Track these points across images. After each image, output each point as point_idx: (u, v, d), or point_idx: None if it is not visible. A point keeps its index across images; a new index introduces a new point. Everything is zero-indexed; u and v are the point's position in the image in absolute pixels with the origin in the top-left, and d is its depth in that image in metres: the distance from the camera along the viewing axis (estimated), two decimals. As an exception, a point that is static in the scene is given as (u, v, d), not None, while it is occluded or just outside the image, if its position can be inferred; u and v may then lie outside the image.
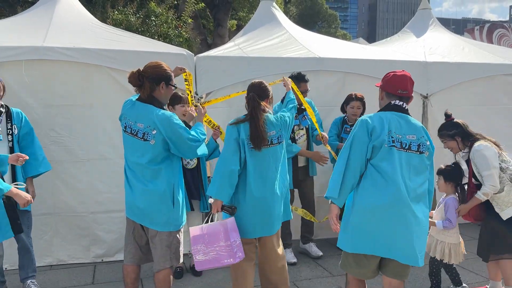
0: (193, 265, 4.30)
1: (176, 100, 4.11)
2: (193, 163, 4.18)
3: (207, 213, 3.89)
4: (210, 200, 3.23)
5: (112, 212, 4.58)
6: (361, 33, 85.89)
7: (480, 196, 3.47)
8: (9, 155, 3.35)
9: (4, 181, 3.10)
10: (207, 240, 3.14)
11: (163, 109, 3.05)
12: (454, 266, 3.82)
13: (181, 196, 3.10)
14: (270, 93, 3.45)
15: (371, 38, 57.70)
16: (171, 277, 3.11)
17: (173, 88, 3.12)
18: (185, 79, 4.04)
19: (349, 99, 4.77)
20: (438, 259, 3.76)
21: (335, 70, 5.12)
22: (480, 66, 5.83)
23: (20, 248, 3.77)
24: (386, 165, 2.70)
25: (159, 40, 8.22)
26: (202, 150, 3.22)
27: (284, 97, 4.14)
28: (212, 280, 4.22)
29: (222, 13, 14.75)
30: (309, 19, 37.53)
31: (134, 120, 2.99)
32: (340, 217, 2.90)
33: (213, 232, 3.16)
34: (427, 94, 5.55)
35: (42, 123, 4.33)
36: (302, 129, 4.62)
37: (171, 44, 7.58)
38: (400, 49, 6.28)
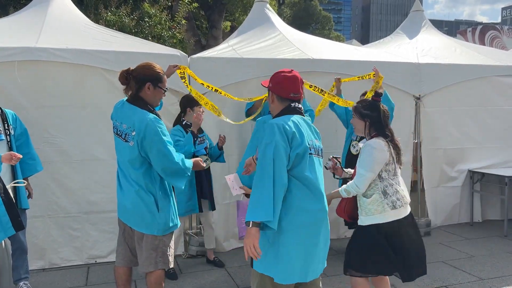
0: (214, 257, 4.65)
1: (194, 102, 4.26)
2: (207, 165, 4.27)
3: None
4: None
5: (105, 213, 4.57)
6: (355, 35, 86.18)
7: (342, 191, 3.14)
8: (2, 154, 3.34)
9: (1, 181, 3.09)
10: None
11: (151, 111, 2.90)
12: None
13: (168, 203, 2.99)
14: None
15: (364, 40, 57.87)
16: (163, 279, 3.09)
17: (162, 91, 3.00)
18: (180, 76, 4.05)
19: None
20: None
21: (328, 71, 5.14)
22: (472, 68, 5.89)
23: (15, 249, 3.75)
24: (310, 175, 2.46)
25: (153, 41, 8.20)
26: (177, 177, 2.95)
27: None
28: (205, 281, 4.22)
29: (216, 14, 14.77)
30: (303, 20, 37.56)
31: (120, 121, 2.94)
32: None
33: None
34: (419, 95, 5.59)
35: (35, 123, 4.31)
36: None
37: (165, 45, 7.57)
38: (393, 50, 6.32)
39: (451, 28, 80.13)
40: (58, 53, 4.38)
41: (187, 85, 4.17)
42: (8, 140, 3.63)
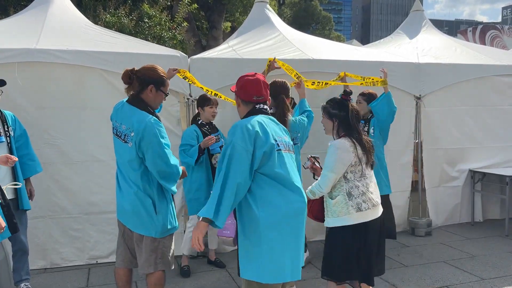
0: (215, 258, 4.61)
1: (205, 102, 4.32)
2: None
3: None
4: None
5: (105, 213, 4.57)
6: (355, 35, 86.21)
7: (308, 192, 3.06)
8: None
9: None
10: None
11: (151, 113, 2.91)
12: None
13: (165, 205, 2.99)
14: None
15: (365, 40, 57.90)
16: (163, 280, 3.09)
17: (164, 95, 3.02)
18: (183, 77, 4.09)
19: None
20: None
21: (329, 72, 5.14)
22: (473, 67, 5.88)
23: (17, 250, 3.76)
24: (282, 171, 2.47)
25: (153, 42, 8.20)
26: (171, 180, 2.95)
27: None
28: (206, 282, 4.21)
29: (216, 15, 14.77)
30: (303, 21, 37.54)
31: (120, 122, 2.94)
32: None
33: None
34: (420, 95, 5.59)
35: (35, 125, 4.31)
36: None
37: (165, 46, 7.57)
38: (393, 50, 6.32)
39: (451, 28, 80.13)
40: (58, 55, 4.38)
41: (193, 83, 4.26)
42: (8, 141, 3.63)
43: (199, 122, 4.39)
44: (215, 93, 4.39)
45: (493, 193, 6.06)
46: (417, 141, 5.76)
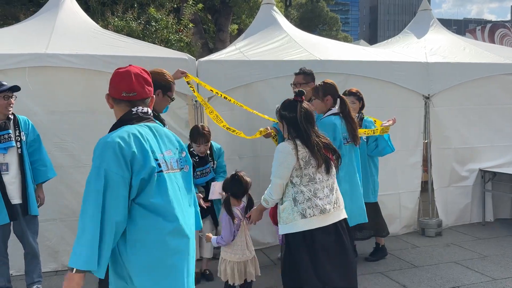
0: (205, 269, 4.34)
1: (193, 138, 4.07)
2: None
3: None
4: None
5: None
6: (363, 36, 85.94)
7: (262, 201, 3.00)
8: (8, 161, 3.41)
9: None
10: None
11: (157, 117, 2.94)
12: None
13: None
14: None
15: (372, 40, 57.72)
16: None
17: (169, 99, 3.05)
18: (187, 81, 4.11)
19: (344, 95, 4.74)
20: (223, 279, 3.36)
21: (337, 72, 5.13)
22: (481, 66, 5.84)
23: (27, 254, 3.80)
24: (159, 201, 1.94)
25: (160, 45, 8.25)
26: None
27: None
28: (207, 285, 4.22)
29: (223, 18, 14.82)
30: (310, 22, 37.51)
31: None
32: None
33: None
34: (428, 94, 5.56)
35: (46, 129, 4.35)
36: None
37: (172, 49, 7.61)
38: (401, 50, 6.30)
39: (460, 27, 79.56)
40: (68, 59, 4.42)
41: (193, 90, 4.25)
42: (19, 146, 3.67)
43: (190, 150, 4.11)
44: (224, 96, 4.39)
45: (504, 193, 6.01)
46: (426, 141, 5.73)
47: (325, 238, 2.78)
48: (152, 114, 2.14)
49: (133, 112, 2.05)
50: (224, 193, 3.51)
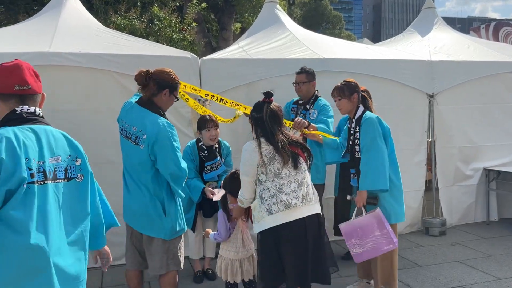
0: (207, 268, 4.33)
1: (201, 125, 4.07)
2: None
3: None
4: (349, 197, 3.48)
5: (120, 215, 4.51)
6: (366, 34, 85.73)
7: (239, 202, 3.03)
8: None
9: None
10: (361, 233, 3.32)
11: (162, 115, 2.95)
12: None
13: (174, 207, 3.00)
14: None
15: (376, 38, 57.53)
16: (176, 280, 3.11)
17: (175, 99, 3.06)
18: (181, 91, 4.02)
19: None
20: (218, 276, 3.36)
21: (340, 71, 5.11)
22: (486, 64, 5.81)
23: None
24: (20, 215, 1.68)
25: (163, 44, 8.25)
26: (180, 183, 2.97)
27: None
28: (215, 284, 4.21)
29: (226, 16, 14.82)
30: (313, 20, 37.44)
31: (130, 123, 2.95)
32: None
33: (366, 224, 3.33)
34: (433, 93, 5.53)
35: (49, 128, 4.35)
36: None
37: (175, 47, 7.61)
38: (405, 48, 6.27)
39: (464, 25, 79.22)
40: (71, 58, 4.42)
41: (182, 95, 4.01)
42: None
43: (199, 145, 4.13)
44: (220, 98, 4.18)
45: (508, 192, 5.97)
46: (430, 139, 5.70)
47: (291, 233, 2.74)
48: (41, 115, 1.95)
49: (17, 112, 1.85)
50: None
